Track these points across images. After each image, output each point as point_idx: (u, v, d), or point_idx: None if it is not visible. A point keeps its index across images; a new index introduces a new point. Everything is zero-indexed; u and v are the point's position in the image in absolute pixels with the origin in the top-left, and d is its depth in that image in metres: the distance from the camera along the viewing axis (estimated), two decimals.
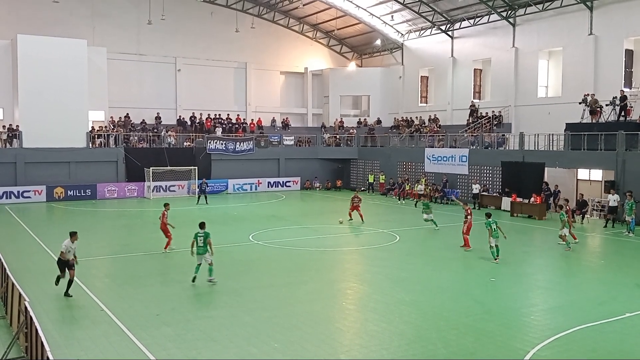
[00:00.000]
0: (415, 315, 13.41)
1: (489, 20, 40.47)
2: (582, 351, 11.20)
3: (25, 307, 10.45)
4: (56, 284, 14.96)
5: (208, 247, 16.02)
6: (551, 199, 30.89)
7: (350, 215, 28.52)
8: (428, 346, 11.41)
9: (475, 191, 34.31)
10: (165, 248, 20.51)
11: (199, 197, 36.51)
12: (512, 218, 30.15)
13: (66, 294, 14.60)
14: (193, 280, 15.87)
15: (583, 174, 32.19)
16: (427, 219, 26.17)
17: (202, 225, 16.35)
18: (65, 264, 14.87)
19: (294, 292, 15.53)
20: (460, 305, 14.18)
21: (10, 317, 12.31)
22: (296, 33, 51.95)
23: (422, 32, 46.65)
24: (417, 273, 17.85)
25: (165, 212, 20.72)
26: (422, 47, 47.37)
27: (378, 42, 50.01)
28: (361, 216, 28.19)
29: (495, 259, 18.68)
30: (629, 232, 24.66)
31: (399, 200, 38.34)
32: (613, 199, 26.86)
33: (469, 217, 21.36)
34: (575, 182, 32.36)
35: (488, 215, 19.61)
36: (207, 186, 37.71)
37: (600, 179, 30.78)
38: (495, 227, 18.90)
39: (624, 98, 30.44)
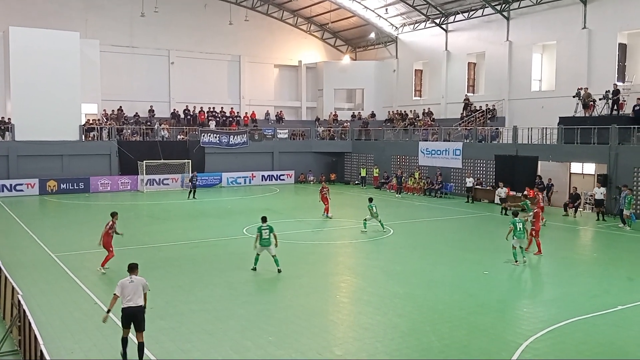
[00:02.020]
0: (409, 308, 13.46)
1: (483, 14, 40.44)
2: (575, 343, 11.28)
3: (19, 301, 10.41)
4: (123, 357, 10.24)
5: (273, 239, 16.60)
6: (544, 192, 31.02)
7: (326, 209, 27.71)
8: (422, 339, 11.45)
9: (469, 184, 34.39)
10: (103, 265, 16.58)
11: (190, 192, 35.89)
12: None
13: None
14: (254, 269, 16.64)
15: (576, 167, 32.33)
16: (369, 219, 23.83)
17: (264, 219, 16.83)
18: (134, 315, 10.15)
19: (288, 286, 15.55)
20: (454, 298, 14.23)
21: (3, 310, 12.27)
22: (290, 26, 51.78)
23: (416, 25, 46.60)
24: (411, 266, 17.89)
25: (114, 223, 16.84)
26: (416, 41, 47.33)
27: (372, 35, 49.91)
28: (327, 209, 27.65)
29: (517, 262, 17.56)
30: (624, 225, 24.75)
31: (398, 194, 38.04)
32: (600, 192, 27.11)
33: (532, 214, 19.70)
34: (568, 175, 32.50)
35: (515, 214, 18.49)
36: (197, 180, 37.33)
37: (593, 173, 30.92)
38: (520, 226, 17.69)
39: (617, 92, 30.54)
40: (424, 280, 16.07)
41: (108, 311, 10.37)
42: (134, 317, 10.14)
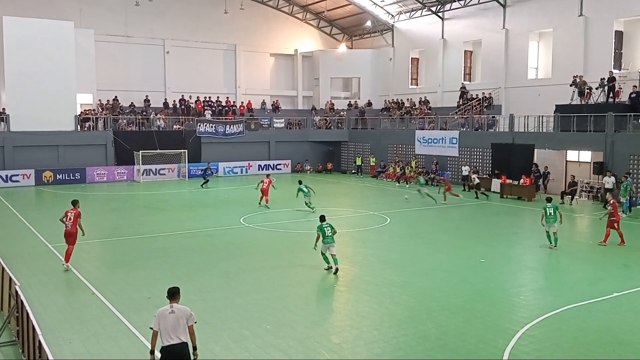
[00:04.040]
0: (405, 296, 13.52)
1: (480, 2, 40.23)
2: (571, 330, 11.35)
3: (16, 291, 10.42)
4: None
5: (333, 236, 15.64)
6: (541, 180, 31.10)
7: (266, 199, 27.55)
8: (419, 326, 11.51)
9: (465, 173, 34.43)
10: (67, 261, 15.76)
11: (206, 181, 36.03)
12: (502, 199, 30.34)
13: None
14: (330, 269, 15.57)
15: (572, 155, 32.37)
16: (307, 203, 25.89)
17: (323, 218, 16.04)
18: (178, 355, 8.21)
19: (285, 275, 15.59)
20: (451, 286, 14.30)
21: (1, 301, 12.27)
22: (286, 14, 51.51)
23: (412, 13, 46.40)
24: (407, 255, 17.95)
25: (78, 212, 16.16)
26: (413, 29, 47.15)
27: (368, 23, 49.68)
28: (266, 200, 27.50)
29: (551, 245, 18.24)
30: (623, 213, 24.80)
31: (398, 183, 37.67)
32: (610, 181, 26.70)
33: (610, 208, 19.27)
34: (564, 163, 32.55)
35: (548, 200, 19.05)
36: (211, 172, 36.87)
37: (589, 161, 30.97)
38: (551, 211, 18.25)
39: (612, 79, 30.52)
40: (420, 268, 16.13)
41: (151, 352, 8.30)
42: (177, 359, 8.14)
